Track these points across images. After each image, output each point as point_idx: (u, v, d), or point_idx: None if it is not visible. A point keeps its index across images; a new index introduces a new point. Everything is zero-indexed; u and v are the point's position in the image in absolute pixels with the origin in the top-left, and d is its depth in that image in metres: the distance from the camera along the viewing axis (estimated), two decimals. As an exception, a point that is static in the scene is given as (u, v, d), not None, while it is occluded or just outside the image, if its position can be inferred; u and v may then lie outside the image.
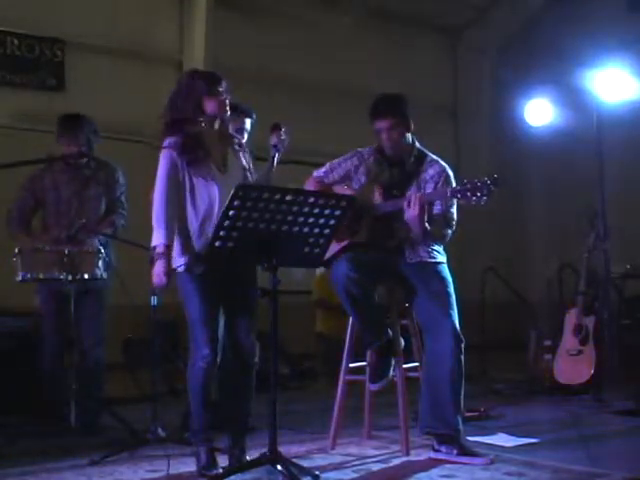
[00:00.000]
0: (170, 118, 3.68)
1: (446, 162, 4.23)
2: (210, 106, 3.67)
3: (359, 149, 4.27)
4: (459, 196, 3.87)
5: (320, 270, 6.84)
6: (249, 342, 3.74)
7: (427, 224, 3.93)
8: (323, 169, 4.32)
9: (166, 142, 3.63)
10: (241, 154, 3.81)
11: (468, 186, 3.82)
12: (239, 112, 4.42)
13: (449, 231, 4.10)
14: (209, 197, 3.63)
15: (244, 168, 3.78)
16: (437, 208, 4.04)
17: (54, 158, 4.83)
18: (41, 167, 4.87)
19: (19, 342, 5.22)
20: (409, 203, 3.89)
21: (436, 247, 4.12)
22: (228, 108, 3.75)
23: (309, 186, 4.29)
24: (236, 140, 3.85)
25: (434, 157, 4.20)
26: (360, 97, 4.34)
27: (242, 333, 3.73)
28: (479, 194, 3.78)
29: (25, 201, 4.92)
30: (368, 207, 4.08)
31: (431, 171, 4.13)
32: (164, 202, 3.59)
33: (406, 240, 4.05)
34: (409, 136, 4.18)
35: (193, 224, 3.63)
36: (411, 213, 3.89)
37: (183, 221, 3.64)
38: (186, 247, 3.63)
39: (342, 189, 4.24)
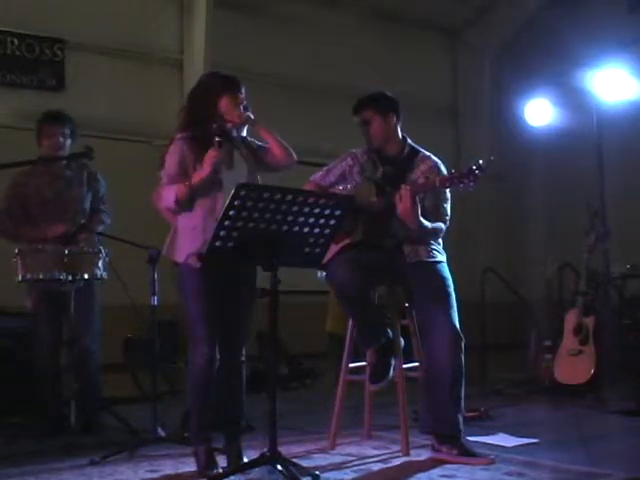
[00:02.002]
0: (185, 114, 3.75)
1: (446, 162, 4.24)
2: (224, 105, 3.70)
3: (353, 150, 4.30)
4: (447, 184, 3.91)
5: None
6: (238, 341, 3.75)
7: (422, 218, 3.94)
8: (320, 173, 4.35)
9: (178, 136, 3.69)
10: (247, 159, 3.79)
11: (455, 174, 3.86)
12: None
13: (442, 226, 4.12)
14: (212, 192, 3.64)
15: (254, 175, 3.78)
16: (429, 203, 4.06)
17: (50, 159, 4.81)
18: (24, 171, 4.81)
19: (19, 342, 5.21)
20: (400, 197, 3.91)
21: (435, 246, 4.12)
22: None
23: (307, 190, 4.30)
24: (253, 146, 3.84)
25: (426, 153, 4.23)
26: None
27: (233, 333, 3.73)
28: (466, 180, 3.82)
29: (12, 204, 4.84)
30: (363, 206, 4.08)
31: (423, 167, 4.15)
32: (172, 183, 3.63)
33: (405, 239, 4.05)
34: (399, 133, 4.20)
35: (195, 218, 3.64)
36: (402, 206, 3.89)
37: (186, 215, 3.66)
38: (188, 241, 3.64)
39: (339, 190, 4.24)
